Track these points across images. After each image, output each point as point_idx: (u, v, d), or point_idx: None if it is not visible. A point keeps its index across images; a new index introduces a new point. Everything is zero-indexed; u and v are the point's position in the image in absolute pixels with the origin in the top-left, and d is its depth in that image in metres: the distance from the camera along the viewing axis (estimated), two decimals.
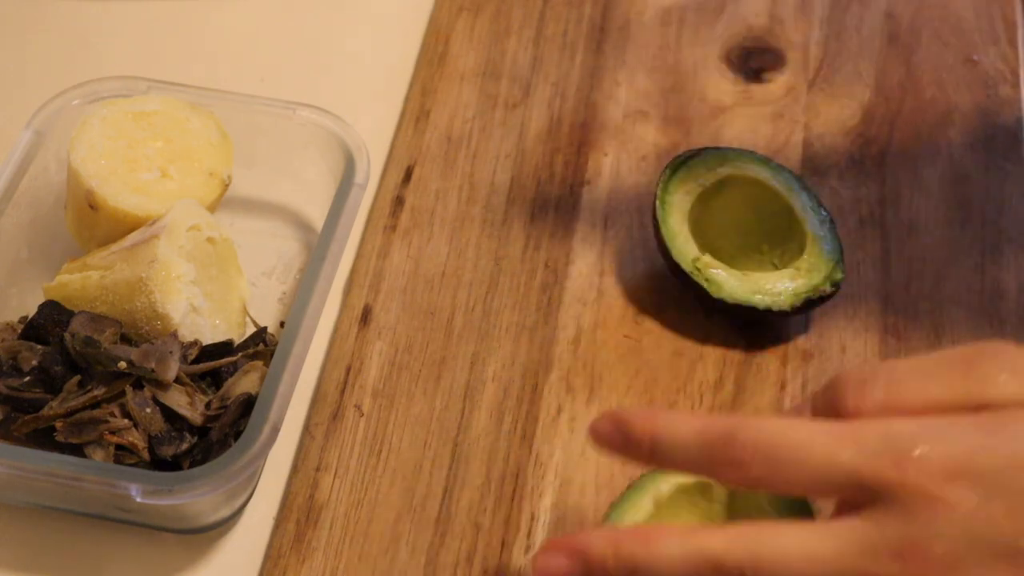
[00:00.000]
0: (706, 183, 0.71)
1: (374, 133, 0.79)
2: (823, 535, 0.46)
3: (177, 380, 0.64)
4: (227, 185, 0.71)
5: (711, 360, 0.69)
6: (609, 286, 0.72)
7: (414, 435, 0.66)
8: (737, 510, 0.57)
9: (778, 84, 0.82)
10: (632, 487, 0.58)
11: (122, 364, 0.63)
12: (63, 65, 0.84)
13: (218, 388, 0.65)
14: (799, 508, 0.55)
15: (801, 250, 0.70)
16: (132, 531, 0.64)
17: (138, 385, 0.63)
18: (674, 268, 0.70)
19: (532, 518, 0.64)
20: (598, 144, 0.79)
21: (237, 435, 0.61)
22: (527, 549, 0.62)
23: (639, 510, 0.57)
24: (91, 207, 0.68)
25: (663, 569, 0.47)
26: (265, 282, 0.74)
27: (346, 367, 0.69)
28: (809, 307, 0.69)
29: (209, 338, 0.67)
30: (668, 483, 0.57)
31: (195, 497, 0.58)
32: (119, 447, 0.62)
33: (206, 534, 0.64)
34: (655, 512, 0.57)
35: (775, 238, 0.71)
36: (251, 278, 0.73)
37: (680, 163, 0.72)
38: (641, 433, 0.49)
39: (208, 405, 0.64)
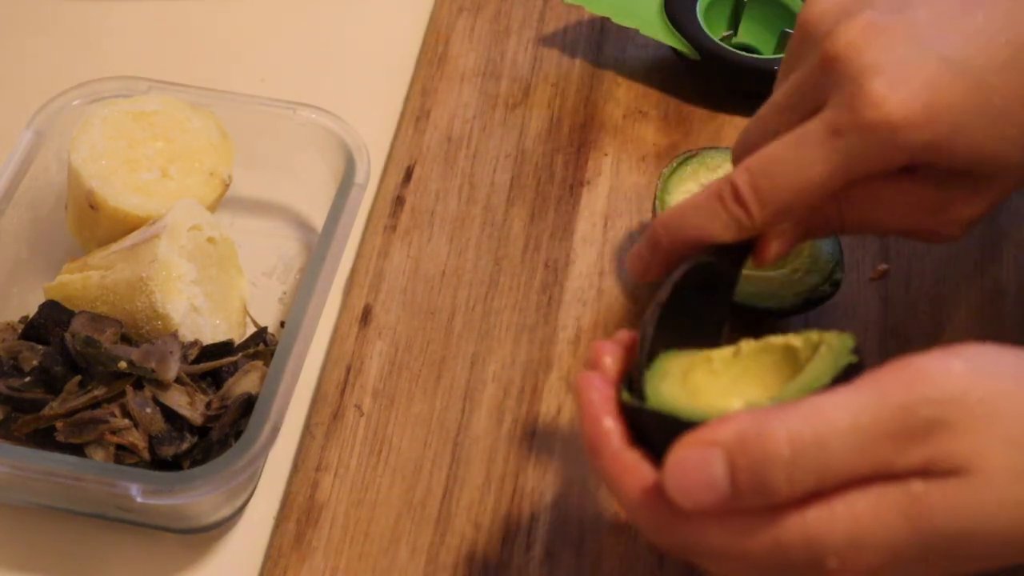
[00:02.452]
0: (706, 183, 0.71)
1: (374, 133, 0.79)
2: None
3: (177, 380, 0.64)
4: (227, 185, 0.71)
5: None
6: (609, 286, 0.72)
7: (414, 435, 0.67)
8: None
9: None
10: None
11: (122, 364, 0.63)
12: (63, 65, 0.84)
13: (218, 388, 0.65)
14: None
15: (801, 250, 0.70)
16: (132, 531, 0.64)
17: (138, 385, 0.63)
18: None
19: (532, 518, 0.64)
20: (598, 144, 0.79)
21: (237, 435, 0.61)
22: (527, 549, 0.63)
23: None
24: (92, 207, 0.68)
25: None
26: (265, 282, 0.74)
27: (346, 367, 0.69)
28: (809, 307, 0.69)
29: (209, 338, 0.67)
30: None
31: (195, 497, 0.58)
32: (119, 447, 0.62)
33: (206, 534, 0.64)
34: None
35: None
36: (251, 278, 0.73)
37: (680, 163, 0.72)
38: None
39: (208, 405, 0.64)
